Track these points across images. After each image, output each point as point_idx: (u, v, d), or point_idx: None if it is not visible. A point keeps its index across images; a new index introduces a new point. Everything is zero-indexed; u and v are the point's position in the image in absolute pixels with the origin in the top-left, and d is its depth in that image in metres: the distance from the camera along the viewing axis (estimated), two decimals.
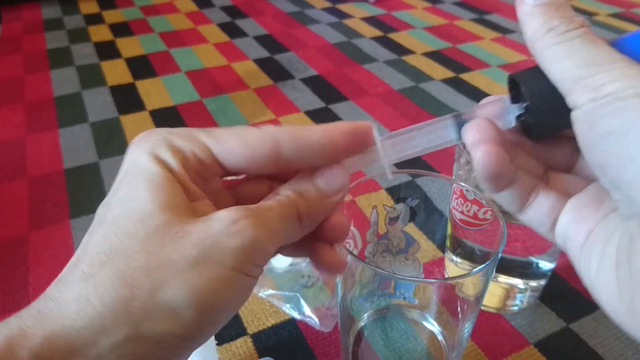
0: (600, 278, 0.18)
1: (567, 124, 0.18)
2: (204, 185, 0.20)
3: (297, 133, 0.20)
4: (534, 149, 0.22)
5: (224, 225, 0.17)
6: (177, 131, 0.20)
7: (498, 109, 0.21)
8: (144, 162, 0.19)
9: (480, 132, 0.20)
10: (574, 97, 0.17)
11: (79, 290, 0.16)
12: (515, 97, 0.21)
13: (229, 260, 0.17)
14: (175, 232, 0.17)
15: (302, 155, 0.20)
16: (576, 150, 0.21)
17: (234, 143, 0.20)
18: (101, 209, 0.19)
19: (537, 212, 0.21)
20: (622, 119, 0.15)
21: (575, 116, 0.17)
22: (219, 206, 0.19)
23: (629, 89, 0.15)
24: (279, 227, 0.19)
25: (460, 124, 0.21)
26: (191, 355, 0.34)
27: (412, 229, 0.37)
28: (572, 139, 0.21)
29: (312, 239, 0.22)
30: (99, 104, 0.73)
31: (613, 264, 0.17)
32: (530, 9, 0.18)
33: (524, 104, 0.20)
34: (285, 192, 0.20)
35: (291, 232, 0.20)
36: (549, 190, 0.21)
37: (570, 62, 0.17)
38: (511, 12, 1.09)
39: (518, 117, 0.21)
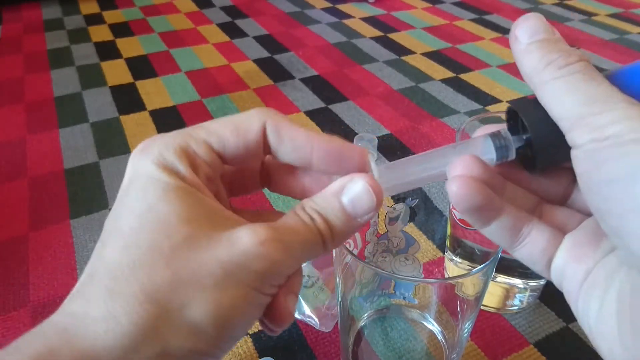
0: (600, 326, 0.17)
1: (568, 157, 0.17)
2: (212, 187, 0.20)
3: (281, 122, 0.20)
4: (528, 181, 0.21)
5: (249, 246, 0.17)
6: (177, 134, 0.19)
7: (492, 143, 0.20)
8: (152, 172, 0.18)
9: (461, 169, 0.19)
10: (574, 135, 0.16)
11: (105, 307, 0.16)
12: (514, 128, 0.20)
13: (252, 281, 0.17)
14: (198, 246, 0.17)
15: (281, 147, 0.20)
16: (572, 182, 0.21)
17: (228, 132, 0.20)
18: (110, 220, 0.18)
19: (531, 248, 0.20)
20: (628, 166, 0.14)
21: (575, 155, 0.16)
22: (221, 204, 0.19)
23: (632, 132, 0.15)
24: (302, 254, 0.19)
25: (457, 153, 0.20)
26: None
27: (412, 229, 0.37)
28: (568, 169, 0.20)
29: None
30: (99, 104, 0.73)
31: (614, 313, 0.16)
32: (526, 46, 0.18)
33: (525, 136, 0.19)
34: (311, 213, 0.19)
35: (313, 254, 0.20)
36: (543, 225, 0.20)
37: (571, 98, 0.16)
38: (511, 12, 1.09)
39: (517, 149, 0.20)
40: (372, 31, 0.99)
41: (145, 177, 0.18)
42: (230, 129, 0.20)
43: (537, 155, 0.19)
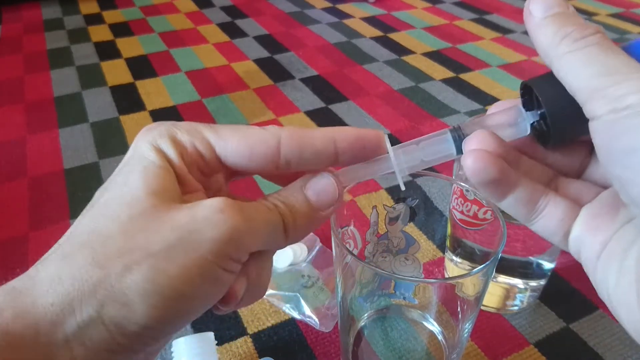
0: (619, 294, 0.17)
1: (584, 131, 0.17)
2: (205, 180, 0.20)
3: (298, 134, 0.20)
4: (544, 155, 0.21)
5: (208, 211, 0.17)
6: (182, 124, 0.20)
7: (513, 117, 0.20)
8: (143, 151, 0.19)
9: (477, 143, 0.19)
10: (592, 107, 0.16)
11: (54, 268, 0.16)
12: (529, 104, 0.20)
13: (205, 249, 0.17)
14: (157, 216, 0.17)
15: (302, 158, 0.20)
16: (588, 155, 0.21)
17: (236, 141, 0.20)
18: (97, 193, 0.19)
19: (548, 221, 0.20)
20: None
21: (594, 127, 0.16)
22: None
23: None
24: (263, 229, 0.19)
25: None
26: (191, 356, 0.34)
27: (412, 229, 0.37)
28: (584, 143, 0.21)
29: None
30: (99, 104, 0.73)
31: (633, 280, 0.16)
32: (540, 20, 0.18)
33: (539, 111, 0.20)
34: (273, 201, 0.20)
35: (275, 240, 0.20)
36: (559, 198, 0.20)
37: (588, 70, 0.16)
38: (511, 12, 1.09)
39: (532, 123, 0.20)
40: (372, 31, 0.99)
41: (137, 156, 0.19)
42: (238, 137, 0.20)
43: (552, 130, 0.19)
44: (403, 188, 0.21)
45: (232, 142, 0.20)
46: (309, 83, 0.79)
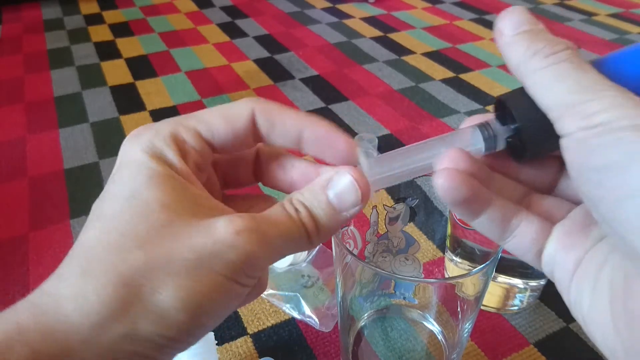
0: (593, 315, 0.17)
1: (557, 146, 0.17)
2: (201, 175, 0.20)
3: (271, 107, 0.20)
4: (516, 170, 0.21)
5: (225, 235, 0.17)
6: (167, 122, 0.20)
7: (479, 134, 0.20)
8: (141, 159, 0.18)
9: (448, 162, 0.19)
10: (563, 124, 0.16)
11: (77, 286, 0.16)
12: (503, 118, 0.20)
13: (224, 269, 0.17)
14: (175, 232, 0.17)
15: (272, 132, 0.20)
16: (559, 170, 0.21)
17: (217, 120, 0.20)
18: (97, 205, 0.18)
19: (521, 240, 0.20)
20: (620, 153, 0.14)
21: (565, 144, 0.16)
22: (212, 193, 0.20)
23: (622, 119, 0.15)
24: (281, 245, 0.19)
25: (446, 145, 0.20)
26: (191, 356, 0.34)
27: (412, 229, 0.37)
28: (555, 158, 0.20)
29: None
30: (99, 104, 0.73)
31: (607, 301, 0.16)
32: (511, 38, 0.17)
33: (513, 126, 0.19)
34: (297, 205, 0.20)
35: (298, 248, 0.20)
36: (532, 216, 0.20)
37: (559, 87, 0.16)
38: None
39: (506, 139, 0.20)
40: (372, 31, 0.99)
41: (134, 163, 0.18)
42: (219, 117, 0.20)
43: (526, 145, 0.19)
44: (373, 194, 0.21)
45: (215, 122, 0.20)
46: (309, 83, 0.79)
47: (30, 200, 0.55)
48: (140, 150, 0.18)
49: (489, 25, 1.02)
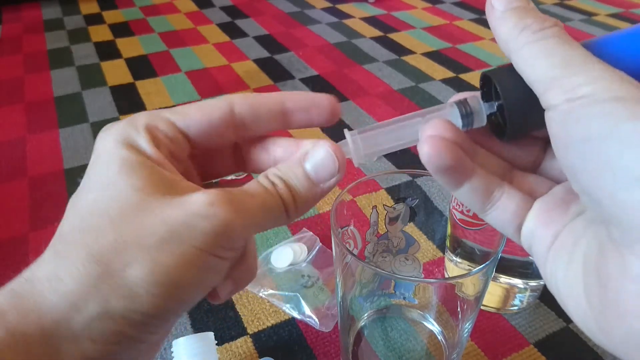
0: (566, 286, 0.17)
1: (540, 125, 0.17)
2: (177, 165, 0.20)
3: (250, 96, 0.21)
4: (500, 148, 0.21)
5: (198, 206, 0.17)
6: (141, 113, 0.20)
7: (457, 110, 0.20)
8: (113, 149, 0.19)
9: (433, 130, 0.19)
10: (548, 97, 0.16)
11: (50, 268, 0.17)
12: (488, 95, 0.20)
13: (198, 241, 0.17)
14: (147, 210, 0.17)
15: (255, 117, 0.21)
16: (542, 151, 0.21)
17: (193, 111, 0.20)
18: (74, 197, 0.19)
19: (501, 212, 0.20)
20: (601, 124, 0.15)
21: (549, 117, 0.17)
22: (192, 181, 0.20)
23: (606, 91, 0.15)
24: (258, 216, 0.19)
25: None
26: (191, 356, 0.34)
27: (412, 229, 0.37)
28: (539, 139, 0.21)
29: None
30: (99, 104, 0.73)
31: (580, 271, 0.16)
32: (501, 13, 0.18)
33: (497, 103, 0.20)
34: (273, 179, 0.20)
35: (276, 221, 0.20)
36: (513, 190, 0.20)
37: (546, 61, 0.16)
38: None
39: (489, 115, 0.20)
40: (372, 31, 0.99)
41: (106, 154, 0.19)
42: (194, 108, 0.20)
43: (509, 122, 0.19)
44: (356, 163, 0.21)
45: (190, 113, 0.20)
46: (309, 83, 0.79)
47: (30, 200, 0.55)
48: (112, 141, 0.19)
49: (489, 25, 1.02)
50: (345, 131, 0.21)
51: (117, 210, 0.17)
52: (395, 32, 0.99)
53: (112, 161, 0.18)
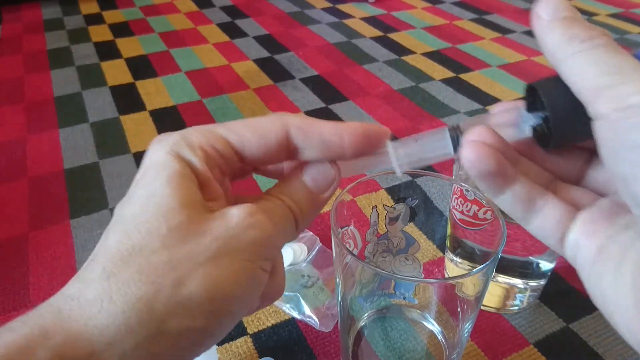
0: (615, 299, 0.17)
1: (585, 136, 0.17)
2: (221, 180, 0.20)
3: (306, 122, 0.21)
4: (543, 158, 0.21)
5: (240, 218, 0.18)
6: (194, 129, 0.20)
7: (514, 118, 0.20)
8: (163, 160, 0.19)
9: (476, 136, 0.19)
10: (597, 106, 0.16)
11: (101, 288, 0.16)
12: (533, 106, 0.20)
13: (246, 252, 0.18)
14: (195, 227, 0.18)
15: (309, 145, 0.20)
16: (587, 162, 0.21)
17: (249, 132, 0.20)
18: (119, 207, 0.19)
19: (544, 222, 0.20)
20: None
21: (598, 125, 0.16)
22: (225, 194, 0.20)
23: None
24: (285, 226, 0.20)
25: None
26: None
27: (412, 229, 0.37)
28: (584, 150, 0.21)
29: None
30: (99, 104, 0.73)
31: (629, 284, 0.16)
32: (548, 23, 0.18)
33: (542, 114, 0.20)
34: (277, 195, 0.21)
35: (290, 235, 0.21)
36: (557, 200, 0.20)
37: (594, 70, 0.16)
38: (511, 12, 1.09)
39: (533, 126, 0.20)
40: (372, 31, 0.99)
41: (157, 165, 0.19)
42: (251, 130, 0.20)
43: (554, 133, 0.19)
44: (400, 174, 0.22)
45: (246, 135, 0.20)
46: (309, 83, 0.79)
47: (30, 200, 0.55)
48: (164, 153, 0.19)
49: (489, 25, 1.02)
50: (388, 140, 0.21)
51: (166, 228, 0.17)
52: (395, 32, 0.99)
53: (160, 172, 0.18)
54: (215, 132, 0.20)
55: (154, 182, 0.18)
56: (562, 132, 0.19)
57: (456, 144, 0.21)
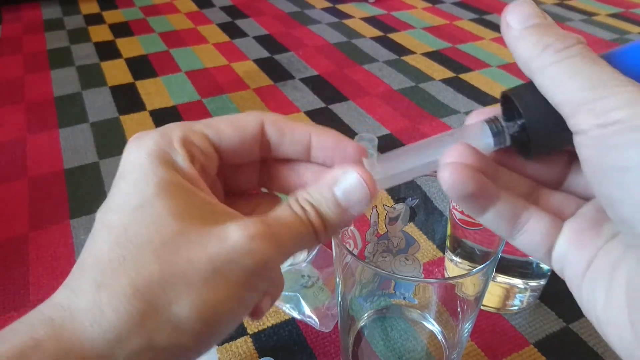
0: (609, 315, 0.16)
1: (565, 142, 0.17)
2: (207, 179, 0.20)
3: (280, 119, 0.21)
4: (523, 165, 0.21)
5: (239, 241, 0.17)
6: (172, 126, 0.20)
7: (490, 129, 0.20)
8: (147, 164, 0.18)
9: (453, 157, 0.19)
10: (577, 121, 0.15)
11: (92, 300, 0.16)
12: (509, 113, 0.19)
13: (242, 278, 0.17)
14: (189, 242, 0.17)
15: (281, 143, 0.21)
16: (567, 165, 0.20)
17: (225, 126, 0.20)
18: (102, 212, 0.18)
19: (531, 236, 0.19)
20: None
21: (579, 141, 0.16)
22: (217, 195, 0.20)
23: None
24: (293, 246, 0.19)
25: (451, 142, 0.20)
26: None
27: (412, 229, 0.37)
28: (564, 153, 0.20)
29: None
30: (99, 104, 0.73)
31: (623, 300, 0.16)
32: (519, 32, 0.17)
33: (520, 122, 0.19)
34: (304, 205, 0.19)
35: (306, 246, 0.20)
36: (541, 212, 0.19)
37: (572, 83, 0.15)
38: None
39: (511, 134, 0.20)
40: (372, 31, 0.99)
41: (140, 169, 0.18)
42: (227, 123, 0.20)
43: (532, 141, 0.18)
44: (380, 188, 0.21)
45: (223, 128, 0.20)
46: (309, 83, 0.79)
47: (30, 200, 0.55)
48: (146, 155, 0.18)
49: (489, 25, 1.02)
50: (363, 158, 0.21)
51: (159, 241, 0.17)
52: (395, 32, 0.99)
53: (147, 179, 0.18)
54: (193, 128, 0.20)
55: (141, 190, 0.18)
56: (541, 141, 0.18)
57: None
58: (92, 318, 0.16)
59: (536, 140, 0.18)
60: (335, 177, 0.20)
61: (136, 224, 0.17)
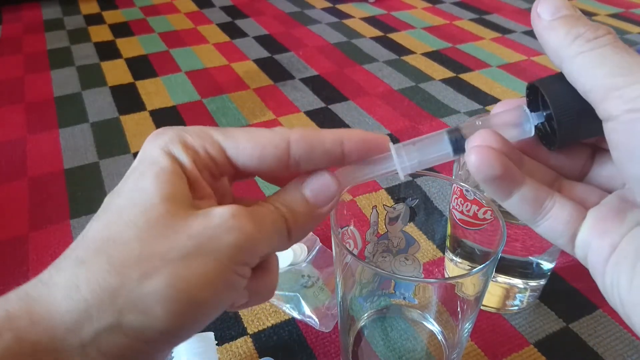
0: (632, 299, 0.17)
1: (590, 133, 0.17)
2: (213, 183, 0.20)
3: (308, 135, 0.20)
4: (547, 156, 0.21)
5: (222, 219, 0.17)
6: (191, 129, 0.20)
7: (517, 118, 0.20)
8: (154, 156, 0.19)
9: (480, 141, 0.19)
10: (607, 107, 0.16)
11: (70, 275, 0.16)
12: (534, 105, 0.20)
13: (223, 254, 0.17)
14: (173, 223, 0.17)
15: (311, 159, 0.20)
16: (590, 158, 0.21)
17: (246, 141, 0.20)
18: (108, 198, 0.19)
19: (554, 222, 0.19)
20: None
21: (610, 127, 0.16)
22: (225, 200, 0.20)
23: None
24: (272, 232, 0.19)
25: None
26: (191, 356, 0.34)
27: (412, 229, 0.37)
28: (588, 146, 0.21)
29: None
30: (99, 104, 0.73)
31: None
32: (549, 22, 0.17)
33: (545, 113, 0.19)
34: (274, 203, 0.20)
35: (280, 243, 0.20)
36: (564, 199, 0.20)
37: (602, 70, 0.16)
38: (511, 12, 1.09)
39: (536, 125, 0.20)
40: (372, 31, 0.99)
41: (147, 161, 0.19)
42: (249, 138, 0.20)
43: (558, 132, 0.19)
44: (402, 178, 0.22)
45: (242, 143, 0.20)
46: (309, 83, 0.79)
47: (30, 200, 0.55)
48: (158, 148, 0.19)
49: (489, 25, 1.02)
50: (390, 144, 0.21)
51: (143, 220, 0.17)
52: (395, 32, 0.99)
53: (149, 167, 0.18)
54: (211, 135, 0.20)
55: (141, 177, 0.18)
56: (566, 132, 0.19)
57: (456, 146, 0.21)
58: (66, 293, 0.16)
59: (562, 131, 0.19)
60: (302, 179, 0.21)
61: (127, 207, 0.18)
